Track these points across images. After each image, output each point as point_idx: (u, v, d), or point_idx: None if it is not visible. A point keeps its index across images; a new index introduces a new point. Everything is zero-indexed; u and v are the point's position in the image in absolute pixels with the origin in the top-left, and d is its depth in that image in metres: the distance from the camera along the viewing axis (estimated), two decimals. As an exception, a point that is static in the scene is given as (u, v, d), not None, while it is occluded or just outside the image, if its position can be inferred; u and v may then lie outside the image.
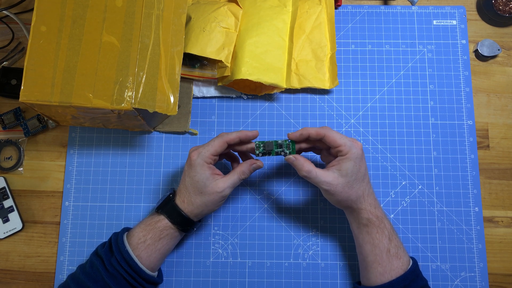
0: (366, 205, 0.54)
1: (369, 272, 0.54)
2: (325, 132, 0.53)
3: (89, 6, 0.54)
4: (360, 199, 0.54)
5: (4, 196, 0.64)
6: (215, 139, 0.55)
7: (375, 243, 0.53)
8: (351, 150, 0.52)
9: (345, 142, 0.52)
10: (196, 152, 0.54)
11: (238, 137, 0.55)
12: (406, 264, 0.53)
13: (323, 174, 0.53)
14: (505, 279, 0.63)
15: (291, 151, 0.55)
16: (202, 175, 0.54)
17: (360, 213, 0.54)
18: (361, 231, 0.55)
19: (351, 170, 0.52)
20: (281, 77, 0.62)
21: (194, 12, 0.65)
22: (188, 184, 0.55)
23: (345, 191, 0.53)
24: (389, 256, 0.53)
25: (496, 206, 0.65)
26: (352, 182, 0.53)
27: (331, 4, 0.69)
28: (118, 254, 0.53)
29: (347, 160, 0.52)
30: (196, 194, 0.54)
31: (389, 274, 0.52)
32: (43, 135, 0.67)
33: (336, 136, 0.53)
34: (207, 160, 0.54)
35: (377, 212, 0.54)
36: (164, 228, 0.55)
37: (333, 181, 0.52)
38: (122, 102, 0.53)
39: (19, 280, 0.63)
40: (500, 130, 0.67)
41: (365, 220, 0.54)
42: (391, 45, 0.70)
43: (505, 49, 0.70)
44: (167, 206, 0.56)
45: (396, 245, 0.54)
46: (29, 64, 0.53)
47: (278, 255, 0.63)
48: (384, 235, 0.53)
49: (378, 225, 0.54)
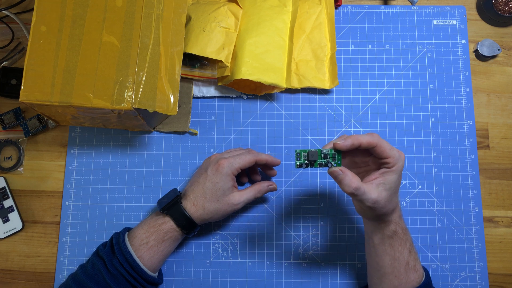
0: (395, 217, 0.51)
1: (383, 283, 0.52)
2: (377, 142, 0.47)
3: (89, 6, 0.54)
4: (394, 211, 0.50)
5: (4, 196, 0.64)
6: (247, 154, 0.57)
7: (395, 256, 0.51)
8: (398, 163, 0.48)
9: (394, 154, 0.48)
10: (227, 161, 0.56)
11: (266, 161, 0.59)
12: (421, 277, 0.52)
13: (370, 191, 0.47)
14: (505, 279, 0.63)
15: (336, 163, 0.48)
16: (226, 184, 0.55)
17: (389, 225, 0.51)
18: (384, 242, 0.52)
19: (394, 183, 0.48)
20: (281, 77, 0.62)
21: (194, 12, 0.65)
22: (207, 189, 0.55)
23: (386, 205, 0.48)
24: (407, 269, 0.51)
25: (496, 206, 0.65)
26: (393, 195, 0.49)
27: (331, 4, 0.69)
28: (120, 255, 0.53)
29: (392, 173, 0.48)
30: (212, 201, 0.55)
31: (404, 286, 0.51)
32: (43, 135, 0.67)
33: (387, 146, 0.48)
34: (234, 171, 0.56)
35: (402, 223, 0.52)
36: (169, 230, 0.55)
37: (378, 196, 0.47)
38: (122, 102, 0.53)
39: (19, 280, 0.63)
40: (500, 130, 0.67)
41: (391, 232, 0.51)
42: (391, 45, 0.69)
43: (505, 49, 0.70)
44: (173, 208, 0.55)
45: (414, 258, 0.52)
46: (29, 64, 0.53)
47: (278, 255, 0.63)
48: (405, 248, 0.52)
49: (402, 237, 0.51)
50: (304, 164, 0.48)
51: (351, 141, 0.47)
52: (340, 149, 0.48)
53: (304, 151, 0.47)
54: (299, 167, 0.48)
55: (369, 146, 0.47)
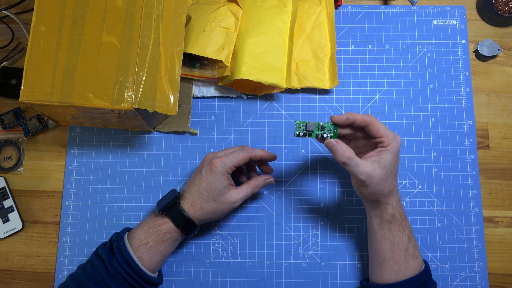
0: (393, 201, 0.53)
1: (383, 269, 0.53)
2: (371, 120, 0.51)
3: (89, 6, 0.54)
4: (391, 193, 0.53)
5: (4, 196, 0.64)
6: (240, 151, 0.56)
7: (394, 241, 0.53)
8: (392, 142, 0.51)
9: (388, 134, 0.51)
10: (219, 160, 0.55)
11: (261, 156, 0.58)
12: (421, 265, 0.53)
13: (363, 164, 0.50)
14: (505, 279, 0.63)
15: (332, 135, 0.52)
16: (221, 183, 0.55)
17: (387, 208, 0.53)
18: (383, 227, 0.54)
19: (389, 163, 0.51)
20: (281, 77, 0.62)
21: (194, 12, 0.65)
22: (203, 190, 0.55)
23: (381, 184, 0.51)
24: (407, 255, 0.53)
25: (496, 206, 0.65)
26: (388, 175, 0.51)
27: (331, 4, 0.69)
28: (119, 255, 0.53)
29: (387, 152, 0.51)
30: (209, 201, 0.55)
31: (404, 273, 0.52)
32: (43, 135, 0.67)
33: (381, 126, 0.51)
34: (228, 170, 0.55)
35: (401, 209, 0.54)
36: (168, 231, 0.55)
37: (372, 171, 0.50)
38: (122, 102, 0.53)
39: (19, 280, 0.63)
40: (500, 130, 0.67)
41: (389, 216, 0.53)
42: (391, 45, 0.70)
43: (505, 49, 0.70)
44: (172, 209, 0.55)
45: (414, 245, 0.54)
46: (29, 64, 0.53)
47: (278, 255, 0.63)
48: (404, 234, 0.53)
49: (400, 223, 0.53)
50: (302, 133, 0.52)
51: (346, 116, 0.51)
52: (336, 122, 0.52)
53: (303, 122, 0.52)
54: (297, 136, 0.52)
55: (363, 123, 0.51)
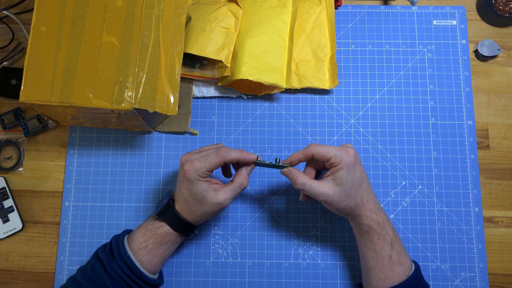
0: (366, 211, 0.53)
1: (371, 278, 0.54)
2: (311, 151, 0.53)
3: (89, 6, 0.54)
4: (359, 205, 0.53)
5: (4, 196, 0.64)
6: (213, 156, 0.53)
7: (376, 250, 0.53)
8: (342, 159, 0.52)
9: (334, 154, 0.52)
10: (191, 166, 0.52)
11: (237, 159, 0.54)
12: (409, 270, 0.53)
13: (318, 186, 0.52)
14: (505, 279, 0.63)
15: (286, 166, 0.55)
16: (199, 188, 0.53)
17: (361, 219, 0.54)
18: (363, 237, 0.54)
19: (345, 178, 0.52)
20: (281, 77, 0.62)
21: (194, 12, 0.65)
22: (186, 196, 0.54)
23: (343, 199, 0.52)
24: (391, 263, 0.53)
25: (496, 206, 0.65)
26: (349, 189, 0.52)
27: (331, 4, 0.69)
28: (119, 259, 0.53)
29: (339, 169, 0.52)
30: (196, 205, 0.54)
31: (391, 280, 0.52)
32: (43, 135, 0.67)
33: (323, 150, 0.52)
34: (202, 175, 0.52)
35: (378, 218, 0.54)
36: (166, 234, 0.55)
37: (329, 191, 0.52)
38: (122, 102, 0.53)
39: (19, 280, 0.63)
40: (500, 130, 0.67)
41: (366, 227, 0.54)
42: (391, 45, 0.70)
43: (505, 49, 0.70)
44: (167, 213, 0.55)
45: (398, 251, 0.53)
46: (29, 64, 0.53)
47: (278, 255, 0.63)
48: (385, 242, 0.53)
49: (379, 232, 0.53)
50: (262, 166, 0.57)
51: (290, 159, 0.55)
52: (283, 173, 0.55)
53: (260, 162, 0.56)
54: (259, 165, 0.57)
55: (306, 158, 0.54)
